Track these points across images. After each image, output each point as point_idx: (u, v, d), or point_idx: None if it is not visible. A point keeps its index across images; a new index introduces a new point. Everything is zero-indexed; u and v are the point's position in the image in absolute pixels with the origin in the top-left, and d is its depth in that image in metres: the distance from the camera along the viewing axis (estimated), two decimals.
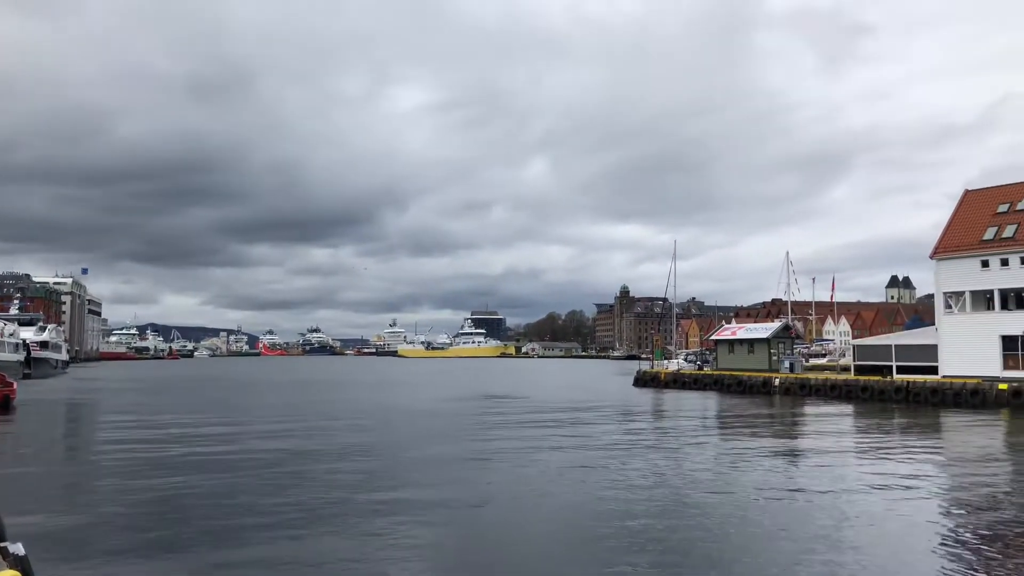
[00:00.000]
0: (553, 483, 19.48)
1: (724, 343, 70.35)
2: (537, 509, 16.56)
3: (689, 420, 38.25)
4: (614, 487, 18.76)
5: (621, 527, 14.54)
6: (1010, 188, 50.57)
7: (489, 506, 16.80)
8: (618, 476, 20.44)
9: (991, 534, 14.14)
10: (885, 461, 23.68)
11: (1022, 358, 45.52)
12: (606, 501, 17.02)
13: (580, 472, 21.11)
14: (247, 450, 25.89)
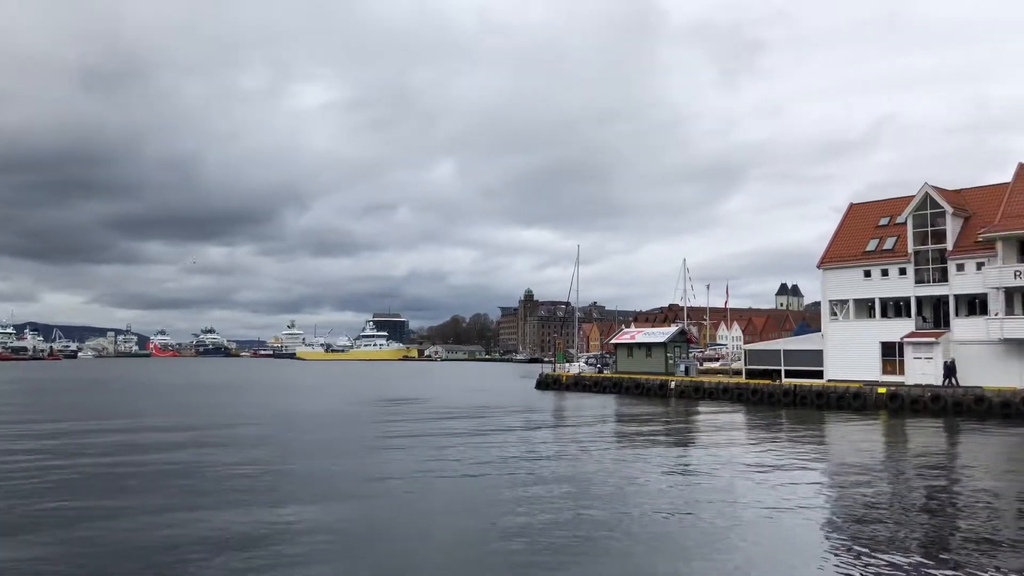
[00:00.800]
0: (454, 490, 19.30)
1: (623, 347, 71.72)
2: (437, 515, 16.36)
3: (589, 424, 38.72)
4: (513, 489, 18.73)
5: (519, 530, 14.50)
6: (891, 202, 53.53)
7: (385, 517, 16.48)
8: (517, 480, 20.42)
9: (870, 530, 14.81)
10: (772, 459, 24.56)
11: (899, 363, 48.22)
12: (504, 505, 16.97)
13: (481, 477, 20.99)
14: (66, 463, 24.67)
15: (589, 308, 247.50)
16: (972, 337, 45.02)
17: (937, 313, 48.26)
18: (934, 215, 48.04)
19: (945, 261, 47.22)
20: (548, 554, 12.89)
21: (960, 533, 14.71)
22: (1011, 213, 45.10)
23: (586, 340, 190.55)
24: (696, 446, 29.23)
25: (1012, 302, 44.39)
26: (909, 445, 30.52)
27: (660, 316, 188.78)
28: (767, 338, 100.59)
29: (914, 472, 22.96)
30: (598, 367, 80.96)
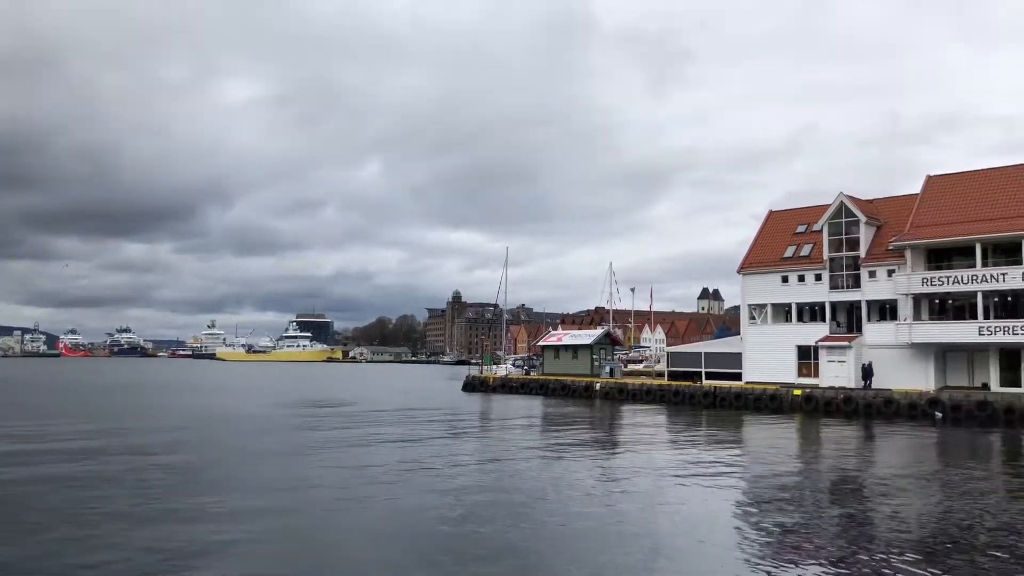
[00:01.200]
0: (380, 496, 19.06)
1: (550, 349, 72.27)
2: (363, 522, 16.11)
3: (515, 426, 38.81)
4: (438, 495, 18.61)
5: (448, 534, 14.41)
6: (808, 210, 55.39)
7: (311, 522, 16.15)
8: (441, 485, 20.30)
9: (783, 528, 15.24)
10: (691, 459, 25.07)
11: (814, 366, 49.90)
12: (431, 509, 16.84)
13: (407, 482, 20.79)
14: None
15: (517, 310, 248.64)
16: (883, 341, 46.91)
17: (850, 318, 50.14)
18: (848, 223, 49.91)
19: (858, 268, 49.11)
20: (471, 559, 12.82)
21: (867, 528, 15.26)
22: (920, 223, 47.21)
23: (514, 342, 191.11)
24: (619, 447, 29.61)
25: (920, 308, 46.47)
26: (822, 446, 31.57)
27: (587, 319, 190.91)
28: (689, 341, 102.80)
29: (826, 472, 23.77)
30: (525, 369, 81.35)
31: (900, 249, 46.69)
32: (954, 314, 45.74)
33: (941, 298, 46.19)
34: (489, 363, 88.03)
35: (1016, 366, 42.69)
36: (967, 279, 43.67)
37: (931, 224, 46.69)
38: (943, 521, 16.07)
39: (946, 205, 47.42)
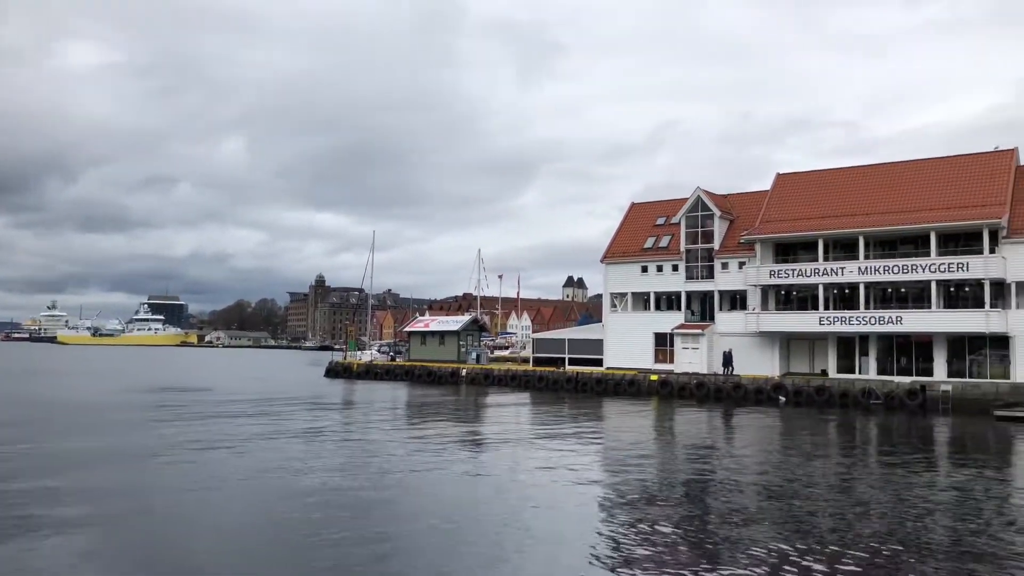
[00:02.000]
0: (236, 489, 18.27)
1: (417, 335, 71.87)
2: (217, 517, 15.37)
3: (379, 412, 38.32)
4: (297, 484, 18.05)
5: (301, 531, 13.96)
6: (667, 203, 57.56)
7: (161, 517, 15.26)
8: (302, 476, 19.72)
9: (638, 507, 15.75)
10: (554, 443, 25.56)
11: (669, 353, 52.07)
12: (286, 503, 16.30)
13: (265, 474, 20.05)
14: None
15: (383, 295, 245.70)
16: (733, 329, 49.48)
17: (704, 307, 52.60)
18: (704, 217, 52.26)
19: (712, 260, 51.55)
20: (329, 552, 12.47)
21: (715, 508, 16.01)
22: (769, 218, 50.03)
23: (379, 328, 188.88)
24: (482, 432, 29.77)
25: (768, 299, 49.33)
26: (675, 428, 32.97)
27: (454, 305, 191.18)
28: (554, 328, 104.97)
29: (680, 452, 24.83)
30: (391, 355, 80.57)
31: (751, 243, 49.33)
32: (798, 305, 48.82)
33: (787, 290, 49.20)
34: (353, 349, 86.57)
35: (851, 354, 46.10)
36: (810, 272, 46.70)
37: (779, 220, 49.58)
38: (780, 493, 17.08)
39: (793, 202, 50.47)
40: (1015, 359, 40.60)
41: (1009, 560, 12.15)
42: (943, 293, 43.34)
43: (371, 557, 11.90)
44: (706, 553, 12.37)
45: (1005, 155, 45.60)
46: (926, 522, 14.90)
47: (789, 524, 14.54)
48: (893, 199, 46.45)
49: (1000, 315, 40.51)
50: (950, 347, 42.84)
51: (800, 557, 12.07)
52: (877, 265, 44.59)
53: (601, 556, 12.14)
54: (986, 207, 42.35)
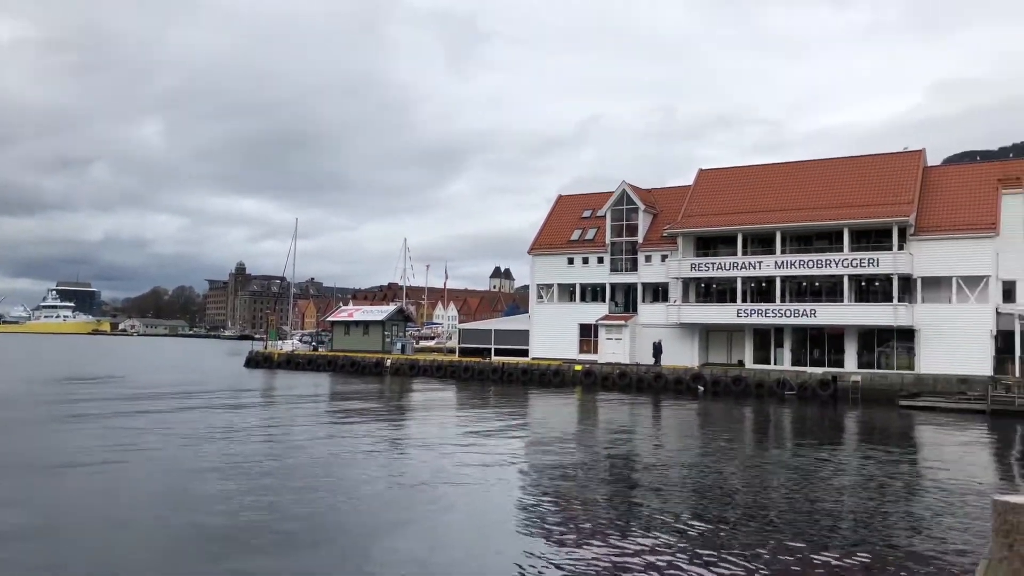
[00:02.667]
0: (150, 482, 17.72)
1: (340, 324, 70.92)
2: (129, 511, 14.86)
3: (299, 402, 37.70)
4: (214, 477, 17.61)
5: (219, 525, 13.63)
6: (594, 196, 58.21)
7: (68, 515, 14.66)
8: (219, 468, 19.25)
9: (562, 498, 15.94)
10: (478, 433, 25.62)
11: (593, 343, 52.77)
12: (206, 495, 15.88)
13: (180, 468, 19.49)
14: None
15: (306, 284, 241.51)
16: (655, 321, 50.45)
17: (628, 299, 53.48)
18: (629, 210, 53.09)
19: (636, 252, 52.42)
20: (248, 547, 12.22)
21: (634, 493, 16.34)
22: (691, 212, 51.12)
23: (301, 317, 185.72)
24: (407, 422, 29.64)
25: (688, 291, 50.46)
26: (598, 417, 33.47)
27: (379, 295, 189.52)
28: (480, 318, 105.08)
29: (600, 441, 25.22)
30: (313, 345, 79.31)
31: (673, 236, 50.34)
32: (717, 297, 50.12)
33: (707, 282, 50.41)
34: (274, 338, 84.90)
35: (767, 345, 47.61)
36: (729, 266, 47.96)
37: (700, 214, 50.72)
38: (692, 478, 17.55)
39: (714, 197, 51.68)
40: (920, 351, 42.59)
41: (898, 531, 12.76)
42: (855, 287, 45.10)
43: (287, 555, 11.71)
44: (623, 530, 12.60)
45: (914, 156, 47.69)
46: (825, 500, 15.52)
47: (700, 504, 14.94)
48: (809, 196, 48.04)
49: (907, 309, 42.41)
50: (860, 339, 44.67)
51: (710, 533, 12.42)
52: (793, 260, 46.13)
53: (525, 537, 12.23)
54: (895, 205, 44.22)
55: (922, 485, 18.24)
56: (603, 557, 11.52)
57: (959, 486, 17.86)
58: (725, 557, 11.55)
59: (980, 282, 41.42)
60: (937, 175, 46.82)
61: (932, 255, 42.70)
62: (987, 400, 34.94)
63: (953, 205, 43.90)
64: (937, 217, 43.68)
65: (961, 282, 41.84)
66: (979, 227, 42.00)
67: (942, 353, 41.36)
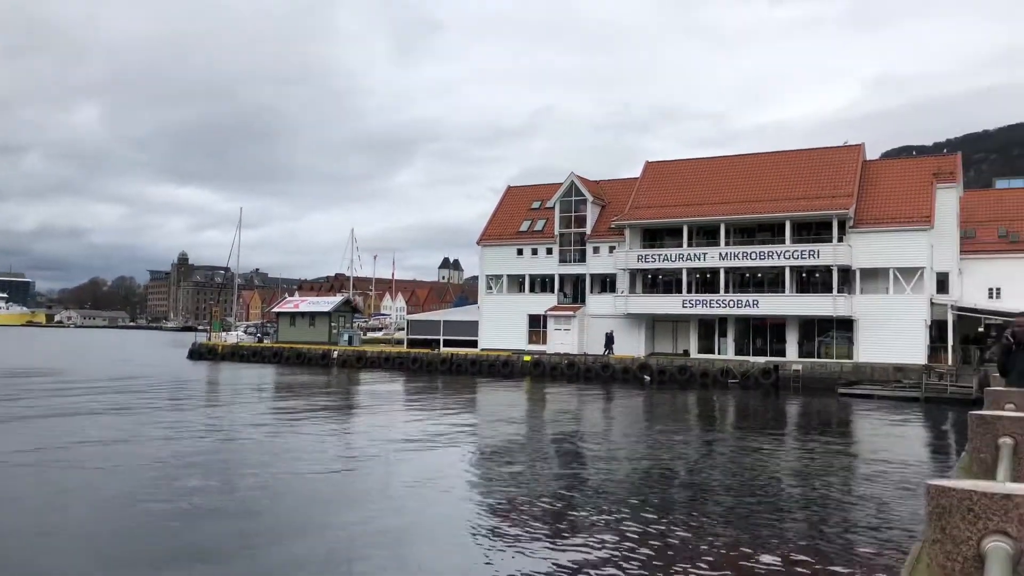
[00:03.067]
0: (91, 479, 17.25)
1: (286, 316, 69.97)
2: (71, 506, 14.45)
3: (244, 395, 37.11)
4: (156, 472, 17.25)
5: (159, 524, 13.36)
6: (543, 188, 58.33)
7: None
8: (160, 462, 18.85)
9: (511, 489, 16.01)
10: (426, 424, 25.55)
11: (542, 334, 53.01)
12: (143, 495, 15.54)
13: (121, 466, 19.03)
14: None
15: (251, 275, 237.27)
16: (603, 312, 50.90)
17: (576, 290, 53.83)
18: (577, 202, 53.39)
19: (584, 244, 52.77)
20: (190, 547, 12.01)
21: (580, 484, 16.50)
22: (638, 204, 51.63)
23: (246, 308, 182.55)
24: (355, 415, 29.41)
25: (636, 282, 51.00)
26: (546, 408, 33.67)
27: (326, 285, 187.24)
28: (429, 309, 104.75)
29: (548, 431, 25.38)
30: (258, 336, 78.12)
31: (621, 228, 50.80)
32: (663, 288, 50.78)
33: (653, 273, 51.03)
34: (218, 330, 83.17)
35: (712, 335, 48.43)
36: (675, 257, 48.61)
37: (647, 206, 51.26)
38: (641, 470, 17.81)
39: (661, 190, 52.27)
40: (858, 340, 43.80)
41: (836, 517, 13.15)
42: (796, 279, 46.14)
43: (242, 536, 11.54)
44: (570, 522, 12.72)
45: (853, 150, 48.90)
46: (765, 488, 15.90)
47: (645, 494, 15.17)
48: (753, 189, 48.92)
49: (846, 300, 43.55)
50: (801, 329, 45.75)
51: (654, 522, 12.62)
52: (737, 251, 46.98)
53: (473, 533, 12.26)
54: (835, 198, 45.32)
55: (859, 471, 18.79)
56: (549, 550, 11.62)
57: (895, 471, 18.45)
58: (669, 543, 11.74)
59: (916, 273, 42.73)
60: (875, 169, 48.10)
61: (870, 247, 43.88)
62: (921, 388, 36.13)
63: (890, 198, 45.17)
64: (875, 210, 44.89)
65: (898, 273, 43.10)
66: (915, 220, 43.31)
67: (879, 342, 42.59)
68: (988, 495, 2.09)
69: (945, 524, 2.12)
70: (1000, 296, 45.75)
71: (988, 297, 45.97)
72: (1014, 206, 49.79)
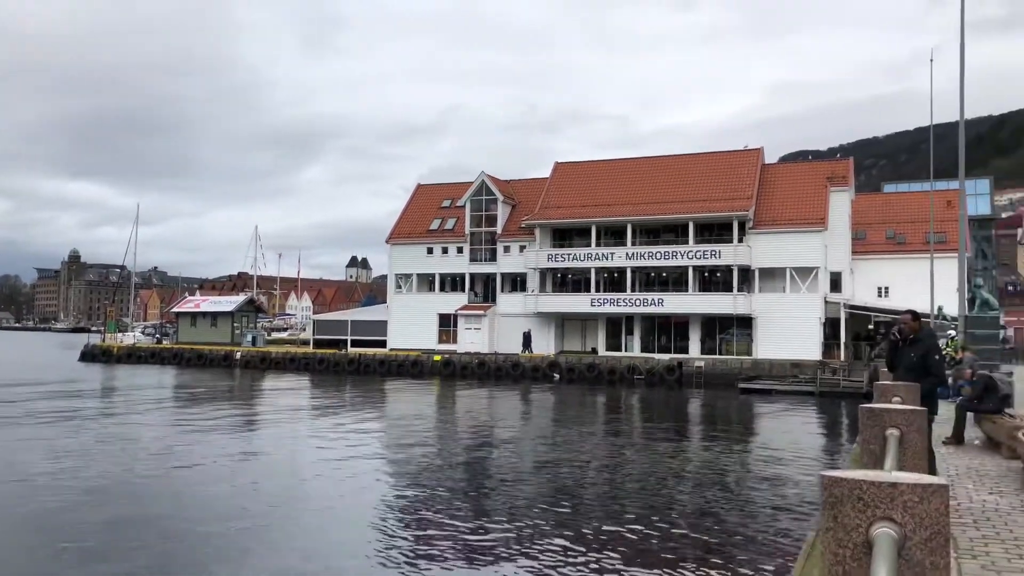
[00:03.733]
0: None
1: (187, 316, 67.58)
2: None
3: (140, 399, 35.62)
4: (44, 484, 16.35)
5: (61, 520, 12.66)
6: (453, 186, 58.16)
7: None
8: (50, 465, 17.88)
9: (421, 489, 15.89)
10: (332, 426, 25.11)
11: (453, 333, 52.87)
12: (37, 496, 14.71)
13: None
14: None
15: (149, 273, 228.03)
16: (514, 311, 51.17)
17: (487, 288, 53.93)
18: (488, 201, 53.49)
19: (495, 243, 52.91)
20: (77, 554, 11.43)
21: (492, 478, 16.54)
22: (548, 204, 52.11)
23: (144, 308, 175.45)
24: (258, 418, 28.63)
25: (546, 281, 51.47)
26: (456, 407, 33.61)
27: (229, 284, 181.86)
28: (336, 309, 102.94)
29: (457, 431, 25.34)
30: (157, 337, 75.21)
31: (531, 227, 51.19)
32: (572, 287, 51.45)
33: (563, 273, 51.62)
34: (114, 331, 79.58)
35: (619, 333, 49.37)
36: (583, 257, 49.34)
37: (556, 206, 51.82)
38: (547, 468, 17.99)
39: (570, 190, 52.90)
40: (757, 338, 45.44)
41: (735, 508, 13.60)
42: (699, 278, 47.50)
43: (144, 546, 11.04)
44: (479, 514, 12.72)
45: (752, 153, 50.71)
46: (666, 481, 16.31)
47: (549, 491, 15.32)
48: (658, 190, 50.09)
49: (746, 298, 45.11)
50: (704, 327, 47.14)
51: (558, 517, 12.75)
52: (643, 251, 48.07)
53: (378, 529, 12.10)
54: (736, 201, 46.88)
55: (758, 463, 19.49)
56: (454, 548, 11.58)
57: (792, 462, 19.22)
58: (572, 546, 11.88)
59: (811, 273, 44.63)
60: (773, 172, 50.00)
61: (768, 247, 45.58)
62: (816, 383, 37.79)
63: (787, 201, 47.04)
64: (773, 212, 46.67)
65: (794, 273, 44.93)
66: (810, 222, 45.24)
67: (777, 339, 44.29)
68: (876, 484, 2.17)
69: (837, 513, 2.19)
70: (888, 295, 48.25)
71: (877, 296, 48.39)
72: (901, 209, 52.59)
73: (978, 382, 10.74)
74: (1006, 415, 10.21)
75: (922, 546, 2.13)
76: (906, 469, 4.19)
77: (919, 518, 2.14)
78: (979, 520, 6.26)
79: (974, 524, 6.11)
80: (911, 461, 4.57)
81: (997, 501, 7.02)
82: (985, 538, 5.64)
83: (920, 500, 2.14)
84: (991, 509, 6.69)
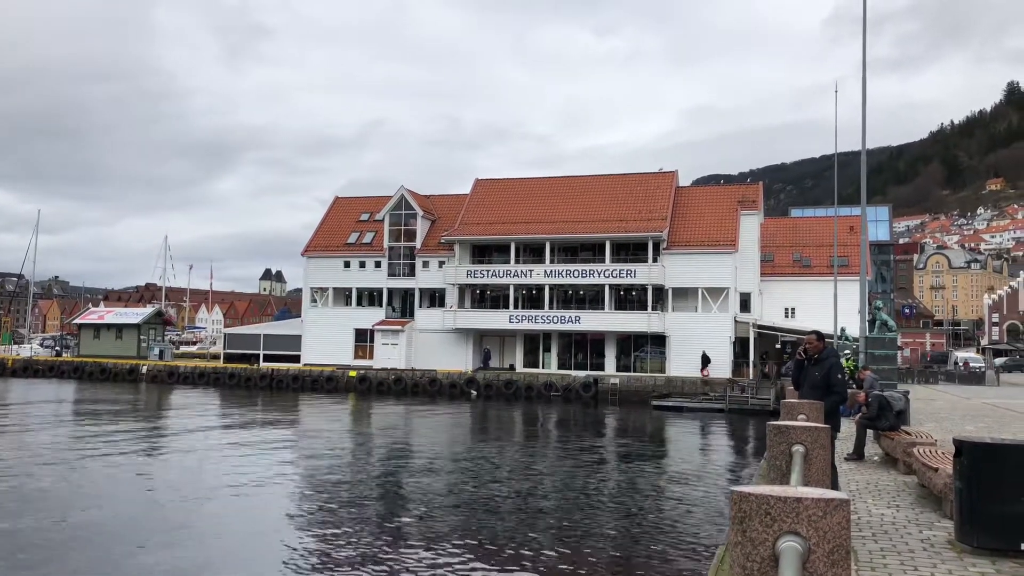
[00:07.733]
0: None
1: (89, 327, 64.65)
2: None
3: (37, 416, 33.84)
4: None
5: None
6: (372, 200, 57.57)
7: None
8: None
9: (333, 508, 15.57)
10: (243, 444, 24.40)
11: (369, 349, 52.15)
12: None
13: None
14: None
15: (49, 283, 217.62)
16: (432, 326, 50.87)
17: (405, 304, 53.46)
18: (407, 216, 53.16)
19: (414, 258, 52.58)
20: None
21: (409, 496, 16.35)
22: (468, 220, 52.17)
23: (42, 319, 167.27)
24: (164, 436, 27.57)
25: (464, 297, 51.40)
26: (371, 423, 33.14)
27: (136, 296, 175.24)
28: (249, 322, 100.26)
29: (374, 447, 24.98)
30: (56, 350, 71.65)
31: (450, 243, 51.11)
32: (491, 303, 51.53)
33: (481, 289, 51.67)
34: (8, 342, 75.64)
35: (536, 350, 49.69)
36: (502, 273, 49.54)
37: (476, 223, 51.93)
38: (462, 485, 17.91)
39: (490, 207, 53.11)
40: (670, 355, 46.43)
41: (648, 523, 13.83)
42: (615, 296, 48.29)
43: None
44: (393, 536, 12.55)
45: (667, 176, 52.02)
46: (579, 498, 16.47)
47: (464, 508, 15.26)
48: (576, 209, 50.80)
49: (659, 317, 46.08)
50: (619, 344, 47.91)
51: (472, 535, 12.70)
52: (560, 269, 48.63)
53: (291, 547, 11.80)
54: (651, 221, 47.95)
55: (669, 478, 19.86)
56: (366, 565, 11.39)
57: (702, 478, 19.65)
58: (487, 557, 11.85)
59: (722, 293, 45.95)
60: (687, 195, 51.39)
61: (681, 268, 46.73)
62: (726, 400, 38.82)
63: (700, 223, 48.39)
64: (686, 233, 47.92)
65: (706, 293, 46.17)
66: (721, 243, 46.63)
67: (689, 357, 45.35)
68: (782, 499, 2.25)
69: (746, 528, 2.26)
70: (794, 315, 50.04)
71: (784, 316, 50.15)
72: (807, 233, 54.77)
73: (873, 402, 11.23)
74: (902, 432, 10.72)
75: (825, 559, 2.21)
76: (811, 484, 4.34)
77: (822, 532, 2.22)
78: (877, 533, 6.53)
79: (872, 537, 6.38)
80: (815, 476, 4.74)
81: (894, 515, 7.35)
82: (883, 550, 5.89)
83: (823, 514, 2.22)
84: (888, 522, 6.99)
